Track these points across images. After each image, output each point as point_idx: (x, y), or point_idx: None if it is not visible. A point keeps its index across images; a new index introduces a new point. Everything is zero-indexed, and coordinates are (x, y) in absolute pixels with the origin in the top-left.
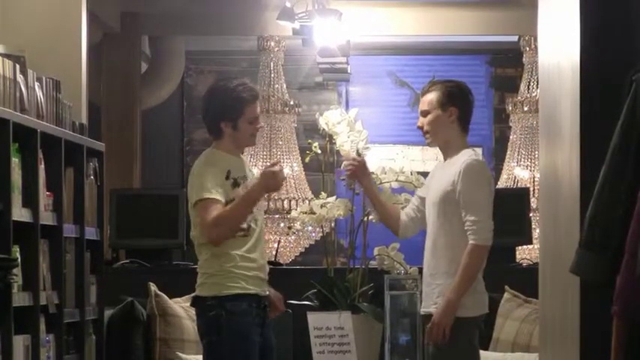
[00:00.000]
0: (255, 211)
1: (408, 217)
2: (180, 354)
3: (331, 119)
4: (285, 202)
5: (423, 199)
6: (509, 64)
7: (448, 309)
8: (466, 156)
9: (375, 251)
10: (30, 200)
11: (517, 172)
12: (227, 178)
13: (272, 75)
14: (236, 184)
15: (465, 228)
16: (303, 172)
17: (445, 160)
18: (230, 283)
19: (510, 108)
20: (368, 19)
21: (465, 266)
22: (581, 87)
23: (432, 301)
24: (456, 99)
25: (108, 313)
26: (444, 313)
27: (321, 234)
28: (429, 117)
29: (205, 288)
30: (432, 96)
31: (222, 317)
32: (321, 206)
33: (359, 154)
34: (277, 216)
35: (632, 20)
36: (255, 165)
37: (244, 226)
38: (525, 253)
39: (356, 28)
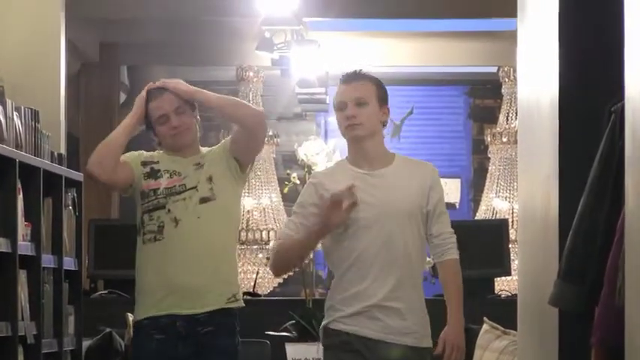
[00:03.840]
0: (174, 209)
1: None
2: None
3: (310, 150)
4: (264, 232)
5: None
6: (488, 95)
7: (462, 329)
8: (420, 163)
9: None
10: (8, 230)
11: (496, 204)
12: (144, 164)
13: (251, 104)
14: (154, 175)
15: (441, 242)
16: (282, 203)
17: (375, 167)
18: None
19: (489, 139)
20: (346, 50)
21: (459, 284)
22: (560, 119)
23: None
24: (386, 97)
25: (86, 343)
26: (461, 333)
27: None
28: (369, 109)
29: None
30: (371, 87)
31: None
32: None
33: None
34: (255, 247)
35: (610, 53)
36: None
37: (152, 227)
38: (504, 285)
39: (334, 58)
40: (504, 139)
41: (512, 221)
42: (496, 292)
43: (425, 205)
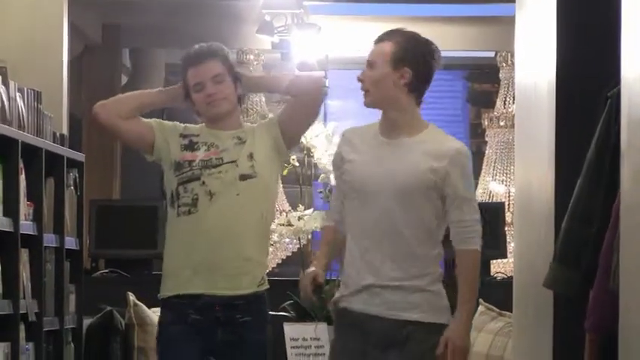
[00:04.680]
0: (209, 182)
1: (340, 213)
2: None
3: (309, 132)
4: None
5: (349, 186)
6: (485, 79)
7: (467, 330)
8: (447, 140)
9: None
10: (10, 210)
11: (492, 187)
12: (183, 136)
13: None
14: (191, 147)
15: (460, 230)
16: (281, 185)
17: (398, 135)
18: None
19: (486, 123)
20: (347, 34)
21: (472, 276)
22: (557, 104)
23: (412, 308)
24: (412, 58)
25: (87, 322)
26: (464, 335)
27: (298, 246)
28: (375, 72)
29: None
30: (386, 47)
31: None
32: (299, 218)
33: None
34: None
35: (607, 40)
36: None
37: (187, 200)
38: (500, 267)
39: (334, 42)
40: (501, 123)
41: (509, 204)
42: (492, 274)
43: (441, 187)
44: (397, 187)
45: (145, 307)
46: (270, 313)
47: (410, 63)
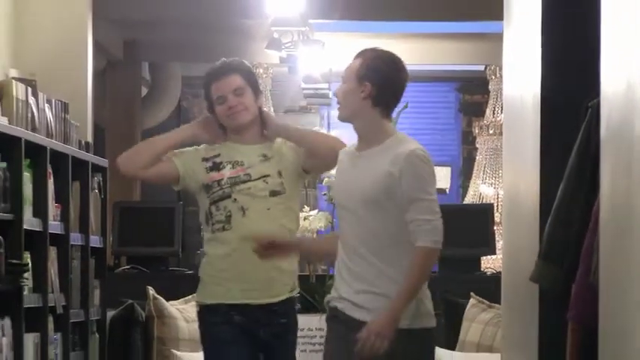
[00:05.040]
0: (240, 198)
1: None
2: (175, 352)
3: None
4: None
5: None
6: (476, 91)
7: (392, 319)
8: (405, 143)
9: None
10: (40, 211)
11: (482, 189)
12: (206, 160)
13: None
14: (217, 167)
15: (413, 229)
16: None
17: (365, 147)
18: (204, 292)
19: (477, 131)
20: (348, 49)
21: (416, 272)
22: (541, 113)
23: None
24: (374, 75)
25: (110, 314)
26: (388, 323)
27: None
28: (344, 87)
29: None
30: (355, 63)
31: None
32: (305, 219)
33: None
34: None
35: (588, 54)
36: None
37: (221, 217)
38: (489, 263)
39: (337, 56)
40: (491, 131)
41: (497, 205)
42: (482, 269)
43: (399, 190)
44: (364, 197)
45: (163, 301)
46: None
47: (370, 78)
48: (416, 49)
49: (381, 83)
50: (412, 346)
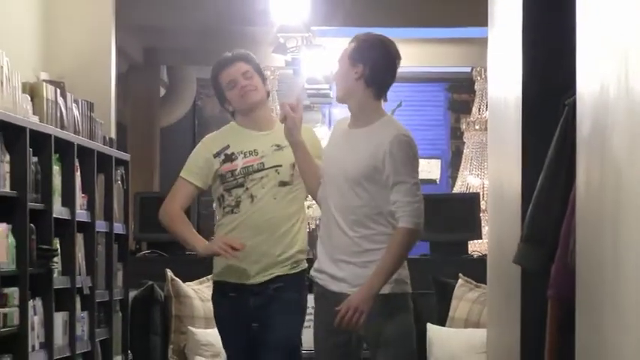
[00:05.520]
0: (251, 186)
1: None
2: (190, 328)
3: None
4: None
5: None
6: (463, 90)
7: (370, 294)
8: (390, 127)
9: None
10: (68, 201)
11: (469, 180)
12: (217, 155)
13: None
14: (229, 159)
15: (395, 209)
16: None
17: (356, 126)
18: (215, 271)
19: (464, 127)
20: None
21: (395, 251)
22: (522, 110)
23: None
24: (366, 56)
25: (132, 294)
26: (366, 298)
27: (307, 230)
28: (339, 69)
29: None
30: (348, 47)
31: None
32: (308, 207)
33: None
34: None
35: (565, 56)
36: None
37: (231, 202)
38: (476, 247)
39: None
40: (477, 127)
41: (483, 194)
42: (469, 252)
43: (382, 171)
44: (347, 174)
45: (180, 282)
46: None
47: (363, 60)
48: (409, 52)
49: (372, 64)
50: (391, 309)
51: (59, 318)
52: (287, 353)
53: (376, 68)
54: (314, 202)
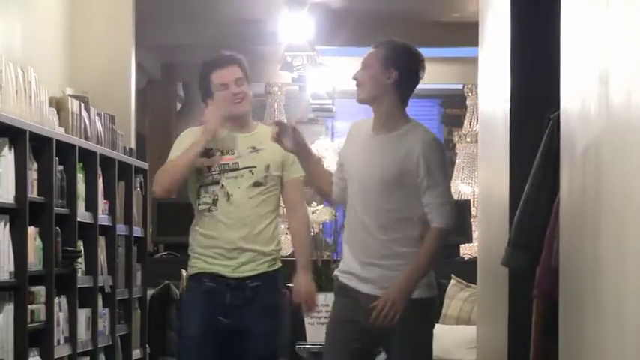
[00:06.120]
0: (227, 185)
1: (338, 186)
2: None
3: (320, 147)
4: (284, 209)
5: (342, 170)
6: (455, 105)
7: (407, 291)
8: (421, 131)
9: None
10: (91, 206)
11: (461, 188)
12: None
13: (275, 112)
14: (207, 154)
15: (428, 210)
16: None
17: (383, 131)
18: (190, 264)
19: (456, 139)
20: (349, 71)
21: (431, 251)
22: (510, 124)
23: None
24: (398, 61)
25: (150, 292)
26: (403, 294)
27: (312, 233)
28: (369, 71)
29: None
30: (379, 51)
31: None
32: (312, 212)
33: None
34: (279, 219)
35: (549, 74)
36: None
37: (208, 200)
38: (467, 250)
39: (340, 77)
40: (468, 139)
41: (474, 201)
42: (461, 255)
43: (415, 174)
44: (383, 178)
45: None
46: (290, 285)
47: (396, 65)
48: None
49: (404, 71)
50: (420, 313)
51: (82, 314)
52: None
53: (406, 74)
54: (318, 208)
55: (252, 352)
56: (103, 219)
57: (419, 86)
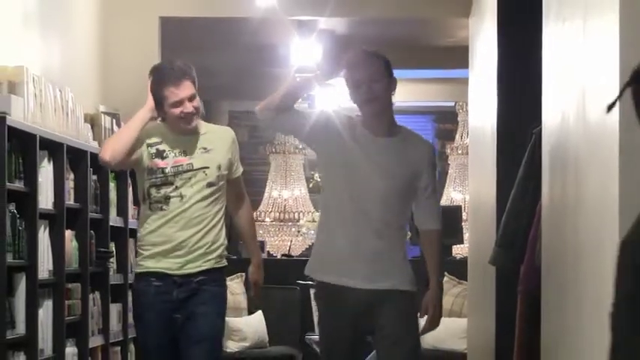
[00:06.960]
0: (180, 185)
1: (292, 117)
2: None
3: None
4: (296, 214)
5: (320, 134)
6: (448, 121)
7: (441, 290)
8: (419, 136)
9: None
10: (122, 211)
11: (453, 195)
12: (150, 146)
13: None
14: (160, 155)
15: (429, 214)
16: (308, 194)
17: (385, 134)
18: (138, 262)
19: (449, 151)
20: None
21: (440, 250)
22: (497, 138)
23: (400, 278)
24: (390, 69)
25: None
26: (439, 295)
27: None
28: (382, 83)
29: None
30: (380, 64)
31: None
32: (312, 220)
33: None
34: (290, 223)
35: (533, 93)
36: (274, 189)
37: (160, 199)
38: (459, 250)
39: (344, 96)
40: (459, 152)
41: (464, 207)
42: (453, 254)
43: (418, 178)
44: (395, 182)
45: None
46: (300, 282)
47: (391, 74)
48: (402, 90)
49: (394, 77)
50: (407, 301)
51: (114, 309)
52: (211, 344)
53: (395, 79)
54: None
55: (197, 332)
56: (133, 223)
57: (415, 103)
